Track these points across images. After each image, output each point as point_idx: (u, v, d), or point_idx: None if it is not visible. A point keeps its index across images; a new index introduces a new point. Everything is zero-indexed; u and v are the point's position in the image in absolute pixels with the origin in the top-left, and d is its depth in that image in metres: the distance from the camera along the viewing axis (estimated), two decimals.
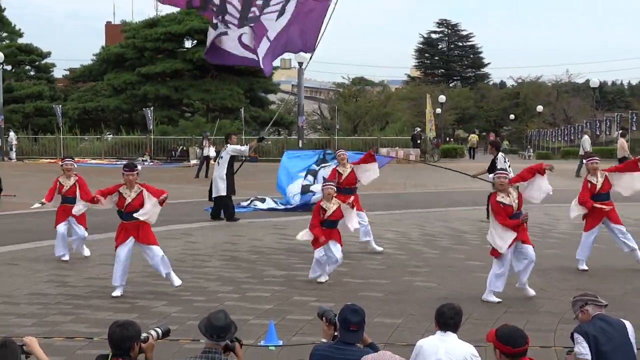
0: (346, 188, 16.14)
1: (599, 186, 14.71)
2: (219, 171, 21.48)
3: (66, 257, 15.78)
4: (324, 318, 7.09)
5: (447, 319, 7.16)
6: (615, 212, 14.95)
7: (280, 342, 10.06)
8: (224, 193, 21.26)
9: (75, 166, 16.40)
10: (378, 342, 9.45)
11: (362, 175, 16.74)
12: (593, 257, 15.53)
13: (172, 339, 10.19)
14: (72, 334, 10.48)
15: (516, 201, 12.37)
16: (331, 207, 13.65)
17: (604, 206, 14.64)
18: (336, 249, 13.68)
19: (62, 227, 15.86)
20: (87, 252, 16.22)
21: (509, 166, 21.93)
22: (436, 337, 7.15)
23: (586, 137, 43.96)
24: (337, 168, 16.78)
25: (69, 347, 9.91)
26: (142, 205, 12.81)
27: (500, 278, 12.39)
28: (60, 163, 16.76)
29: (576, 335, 7.33)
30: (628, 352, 7.35)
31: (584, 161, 15.40)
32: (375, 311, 11.43)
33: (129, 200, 12.84)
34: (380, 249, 16.74)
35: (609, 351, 7.22)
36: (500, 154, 22.04)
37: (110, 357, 6.44)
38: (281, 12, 15.39)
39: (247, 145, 22.13)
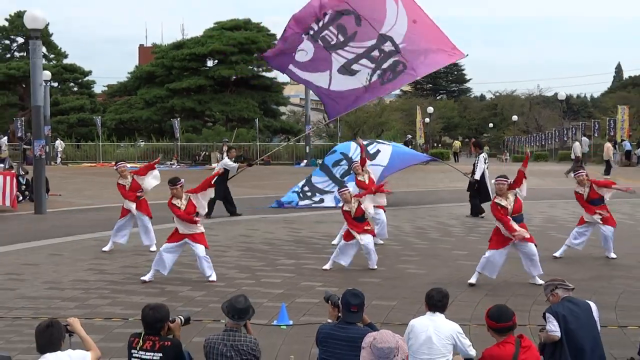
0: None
1: (585, 196, 14.53)
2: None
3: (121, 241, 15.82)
4: (329, 301, 7.07)
5: (436, 301, 7.16)
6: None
7: (291, 322, 10.05)
8: (212, 195, 21.43)
9: (128, 167, 16.24)
10: (375, 321, 9.42)
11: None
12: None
13: (196, 320, 10.19)
14: (110, 315, 10.47)
15: (512, 205, 12.19)
16: (353, 206, 13.61)
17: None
18: (366, 239, 13.60)
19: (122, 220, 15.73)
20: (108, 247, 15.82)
21: (487, 167, 21.87)
22: (426, 317, 7.14)
23: (577, 143, 43.84)
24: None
25: (107, 326, 9.90)
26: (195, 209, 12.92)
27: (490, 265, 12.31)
28: (114, 167, 16.34)
29: (547, 315, 7.31)
30: (592, 329, 7.36)
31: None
32: (373, 295, 11.40)
33: (182, 208, 12.83)
34: (381, 241, 16.36)
35: (576, 329, 7.21)
36: (483, 154, 21.95)
37: (142, 335, 6.44)
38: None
39: (238, 164, 22.11)
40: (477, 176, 21.40)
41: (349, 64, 14.15)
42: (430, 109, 78.89)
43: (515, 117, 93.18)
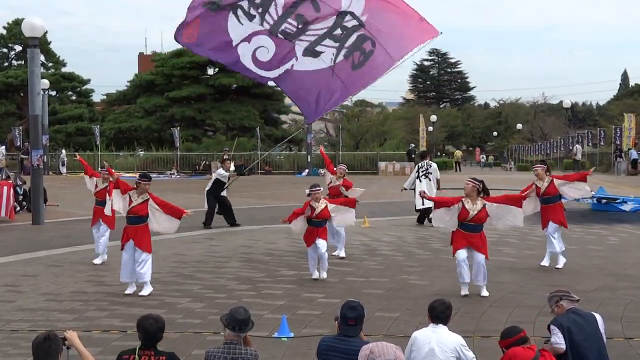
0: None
1: (542, 190, 14.41)
2: (207, 186, 22.16)
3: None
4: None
5: (439, 313, 7.15)
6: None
7: (292, 334, 10.03)
8: (206, 206, 21.66)
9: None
10: (378, 333, 9.46)
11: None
12: (565, 256, 15.44)
13: (196, 332, 10.20)
14: (108, 327, 10.47)
15: (475, 212, 12.18)
16: (319, 206, 13.65)
17: None
18: (321, 244, 13.55)
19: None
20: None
21: (422, 177, 21.61)
22: (429, 329, 7.13)
23: (578, 146, 44.53)
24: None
25: (105, 339, 9.89)
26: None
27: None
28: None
29: (552, 327, 7.32)
30: (598, 341, 7.36)
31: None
32: (376, 306, 11.41)
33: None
34: (342, 254, 15.98)
35: (581, 340, 7.21)
36: (421, 163, 21.95)
37: (137, 351, 6.38)
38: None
39: (229, 173, 22.17)
40: (405, 185, 22.32)
41: (312, 46, 13.60)
42: (434, 118, 78.90)
43: (519, 126, 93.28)
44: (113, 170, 14.88)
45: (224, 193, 21.80)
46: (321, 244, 13.58)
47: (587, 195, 15.42)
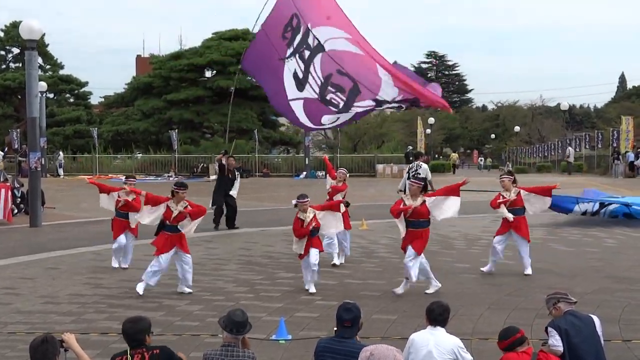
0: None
1: (510, 201, 14.18)
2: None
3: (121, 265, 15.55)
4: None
5: (437, 315, 7.16)
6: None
7: (289, 337, 10.04)
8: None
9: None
10: (375, 335, 9.46)
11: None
12: (562, 259, 15.49)
13: (193, 334, 10.21)
14: (106, 330, 10.47)
15: (415, 206, 12.51)
16: (307, 216, 13.00)
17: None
18: (313, 255, 12.85)
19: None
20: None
21: (411, 176, 21.74)
22: (427, 331, 7.14)
23: (570, 148, 44.72)
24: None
25: (103, 342, 9.89)
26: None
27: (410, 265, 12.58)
28: (123, 180, 15.91)
29: (550, 329, 7.33)
30: (596, 343, 7.37)
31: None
32: (373, 309, 11.42)
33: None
34: (338, 262, 15.61)
35: (579, 342, 7.22)
36: (413, 164, 22.08)
37: (129, 351, 6.42)
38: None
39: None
40: (400, 186, 21.99)
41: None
42: (432, 120, 79.00)
43: (517, 128, 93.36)
44: (138, 189, 14.71)
45: (233, 192, 21.63)
46: (313, 254, 12.85)
47: (545, 208, 15.10)
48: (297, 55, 14.00)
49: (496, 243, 14.38)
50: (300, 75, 13.96)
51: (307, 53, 13.90)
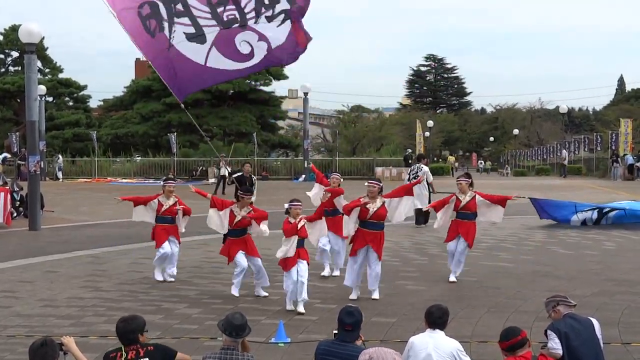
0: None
1: (463, 203, 13.81)
2: None
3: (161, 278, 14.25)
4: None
5: (436, 318, 7.16)
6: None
7: (289, 340, 10.03)
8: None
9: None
10: (374, 338, 9.45)
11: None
12: (561, 261, 15.46)
13: (192, 337, 10.19)
14: (105, 333, 10.44)
15: (374, 210, 12.35)
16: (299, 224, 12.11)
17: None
18: (302, 269, 11.86)
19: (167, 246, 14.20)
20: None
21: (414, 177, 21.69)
22: (426, 334, 7.14)
23: (564, 151, 44.84)
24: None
25: (102, 345, 9.87)
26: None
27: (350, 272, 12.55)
28: (162, 183, 15.01)
29: (549, 332, 7.32)
30: (595, 346, 7.37)
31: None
32: (372, 312, 11.40)
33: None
34: (327, 274, 14.74)
35: (578, 345, 7.22)
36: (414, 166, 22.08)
37: (123, 348, 6.44)
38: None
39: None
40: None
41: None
42: (430, 123, 79.11)
43: (516, 131, 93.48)
44: (204, 192, 14.11)
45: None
46: (303, 269, 11.86)
47: (497, 220, 14.41)
48: (173, 24, 13.13)
49: (451, 251, 14.04)
50: (193, 30, 13.16)
51: (179, 7, 13.10)
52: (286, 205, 12.56)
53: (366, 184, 12.85)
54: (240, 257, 12.87)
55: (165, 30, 13.16)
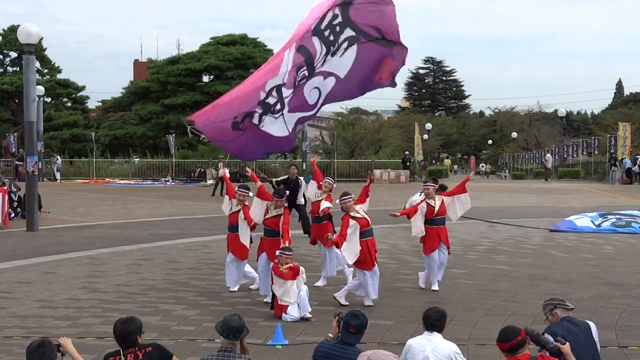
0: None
1: (436, 209, 13.60)
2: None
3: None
4: (337, 317, 7.03)
5: (433, 321, 7.16)
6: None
7: (286, 342, 10.03)
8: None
9: (250, 195, 13.77)
10: (372, 340, 9.46)
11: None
12: (559, 265, 15.46)
13: (190, 339, 10.20)
14: (103, 334, 10.45)
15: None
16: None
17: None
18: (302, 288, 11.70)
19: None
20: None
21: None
22: (424, 336, 7.14)
23: (549, 155, 45.05)
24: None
25: (99, 346, 9.88)
26: None
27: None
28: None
29: (546, 335, 7.31)
30: (592, 349, 7.35)
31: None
32: (370, 314, 11.33)
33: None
34: (321, 284, 14.34)
35: (575, 349, 7.19)
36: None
37: (122, 351, 6.43)
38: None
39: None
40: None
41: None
42: (429, 126, 79.07)
43: (514, 134, 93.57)
44: (255, 175, 13.91)
45: (300, 201, 20.83)
46: (303, 289, 11.66)
47: (469, 207, 14.13)
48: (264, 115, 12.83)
49: (435, 261, 13.71)
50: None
51: (277, 107, 12.82)
52: (278, 252, 11.95)
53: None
54: (262, 260, 12.96)
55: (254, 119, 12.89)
